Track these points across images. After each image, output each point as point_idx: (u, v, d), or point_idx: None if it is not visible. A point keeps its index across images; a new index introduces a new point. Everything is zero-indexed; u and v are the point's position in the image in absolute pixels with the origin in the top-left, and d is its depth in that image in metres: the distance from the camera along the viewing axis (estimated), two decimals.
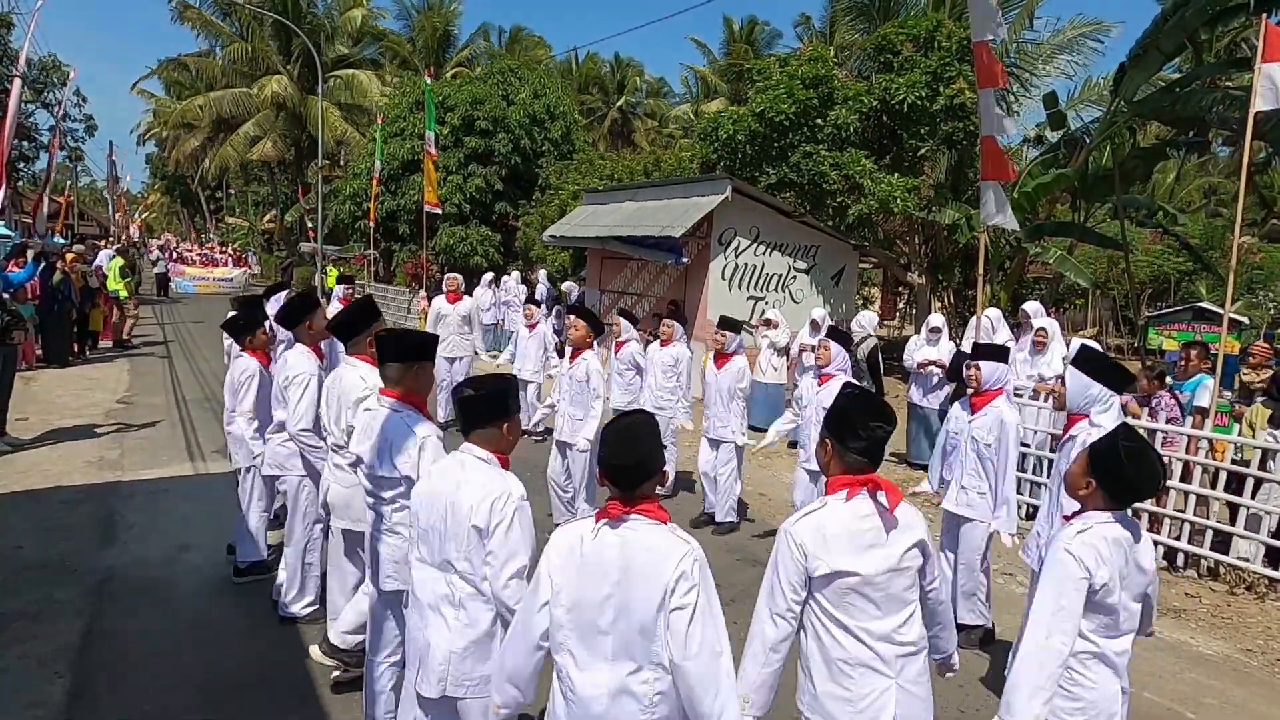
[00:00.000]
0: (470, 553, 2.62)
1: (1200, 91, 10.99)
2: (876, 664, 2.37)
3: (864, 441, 2.41)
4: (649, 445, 2.30)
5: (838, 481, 2.44)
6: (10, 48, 24.38)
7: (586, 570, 2.26)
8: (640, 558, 2.22)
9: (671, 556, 2.21)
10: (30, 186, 28.56)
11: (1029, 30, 13.96)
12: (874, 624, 2.37)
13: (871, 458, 2.42)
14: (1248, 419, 6.29)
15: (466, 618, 2.66)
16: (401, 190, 22.23)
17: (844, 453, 2.43)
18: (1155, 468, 2.54)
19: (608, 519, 2.28)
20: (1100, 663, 2.56)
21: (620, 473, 2.27)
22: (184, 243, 47.37)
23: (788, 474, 8.35)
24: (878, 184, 11.27)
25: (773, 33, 34.39)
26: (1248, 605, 5.68)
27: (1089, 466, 2.59)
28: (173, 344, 16.22)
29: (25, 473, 7.21)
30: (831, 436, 2.48)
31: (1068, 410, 3.86)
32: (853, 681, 2.38)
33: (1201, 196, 32.61)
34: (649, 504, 2.30)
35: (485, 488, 2.61)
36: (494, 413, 2.73)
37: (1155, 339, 12.94)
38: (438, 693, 2.65)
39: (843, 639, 2.38)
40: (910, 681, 2.41)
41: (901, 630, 2.40)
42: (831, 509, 2.41)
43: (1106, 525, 2.53)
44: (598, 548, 2.26)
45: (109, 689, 3.94)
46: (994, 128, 6.95)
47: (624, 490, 2.28)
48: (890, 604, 2.39)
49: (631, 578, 2.21)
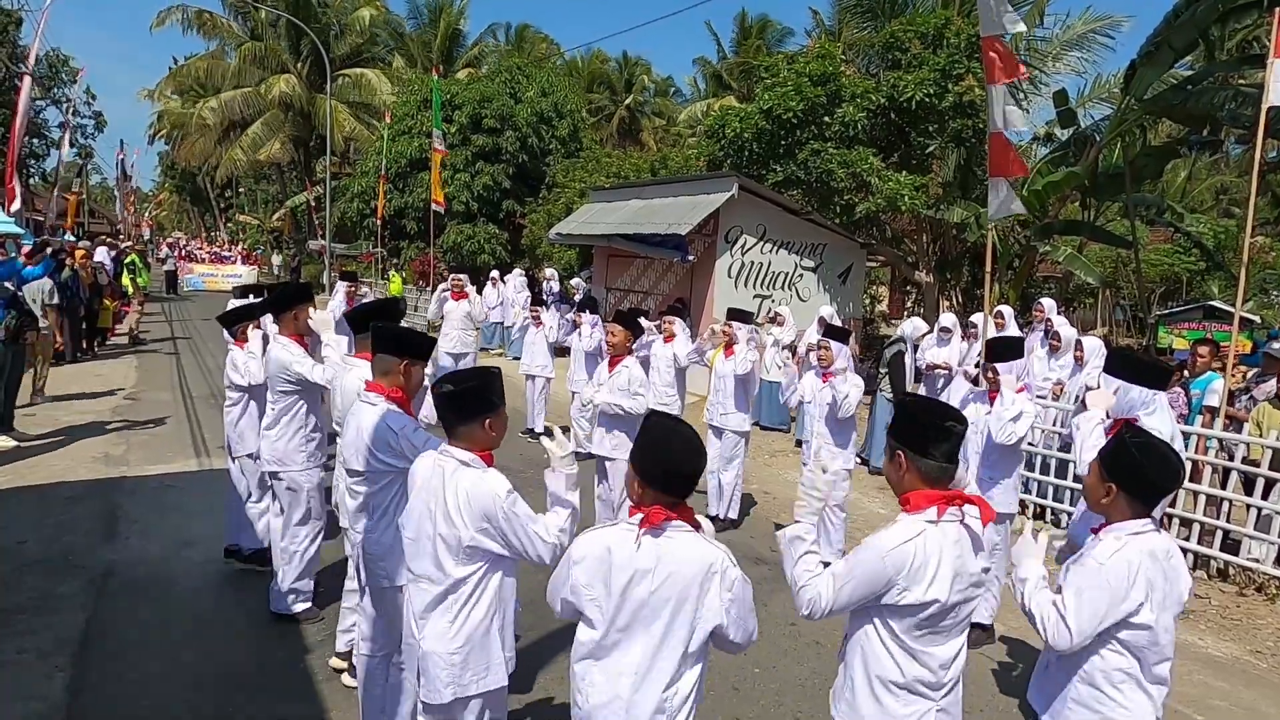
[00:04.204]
0: (465, 559, 2.60)
1: (1212, 89, 10.87)
2: (924, 689, 2.28)
3: (943, 444, 2.26)
4: (704, 453, 2.30)
5: (919, 497, 2.28)
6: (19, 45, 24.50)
7: (617, 578, 2.21)
8: (678, 567, 2.19)
9: (712, 570, 2.20)
10: (42, 184, 28.74)
11: (1039, 28, 13.85)
12: (936, 649, 2.27)
13: (948, 460, 2.27)
14: (1255, 419, 6.22)
15: (461, 622, 2.62)
16: (409, 188, 22.28)
17: (919, 460, 2.28)
18: (1171, 459, 2.45)
19: (651, 526, 2.21)
20: (1136, 688, 2.41)
21: (680, 481, 2.24)
22: (194, 240, 47.57)
23: (791, 472, 8.32)
24: (885, 182, 11.20)
25: (783, 30, 34.23)
26: (1258, 606, 5.61)
27: (1104, 473, 2.48)
28: (181, 340, 16.29)
29: (31, 468, 7.23)
30: (904, 446, 2.32)
31: (1112, 415, 3.76)
32: (896, 701, 2.30)
33: (1213, 197, 32.36)
34: (685, 511, 2.26)
35: (470, 497, 2.57)
36: (477, 409, 2.65)
37: (1166, 338, 12.84)
38: (449, 697, 2.61)
39: (902, 661, 2.28)
40: (950, 704, 2.33)
41: (958, 657, 2.31)
42: (928, 536, 2.23)
43: (1142, 537, 2.41)
44: (641, 556, 2.20)
45: (109, 683, 3.94)
46: (1003, 123, 6.89)
47: (677, 498, 2.25)
48: (955, 630, 2.30)
49: (669, 590, 2.18)
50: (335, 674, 4.07)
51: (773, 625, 4.89)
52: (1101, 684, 2.42)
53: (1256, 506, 5.82)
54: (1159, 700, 2.44)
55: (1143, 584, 2.35)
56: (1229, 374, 6.51)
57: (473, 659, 2.63)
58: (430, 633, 2.63)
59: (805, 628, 4.89)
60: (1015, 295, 13.01)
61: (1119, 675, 2.41)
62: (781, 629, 4.87)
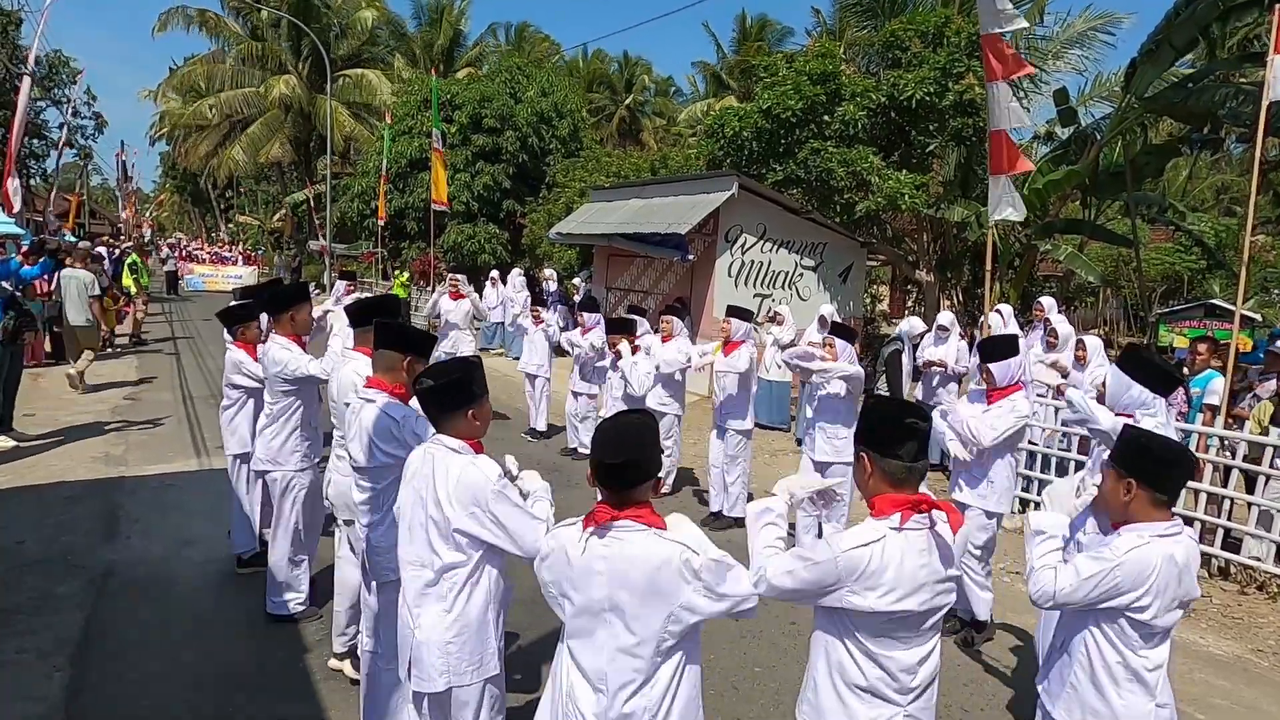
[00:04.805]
0: (457, 545, 2.60)
1: (1213, 87, 10.85)
2: (890, 693, 2.23)
3: (906, 443, 2.21)
4: (643, 445, 2.18)
5: (884, 501, 2.23)
6: (20, 46, 24.50)
7: (578, 578, 2.19)
8: (630, 569, 2.12)
9: (664, 565, 2.10)
10: (43, 185, 28.74)
11: (1039, 26, 13.83)
12: (898, 654, 2.22)
13: (914, 460, 2.22)
14: (1256, 416, 6.21)
15: (455, 610, 2.63)
16: (410, 188, 22.27)
17: (883, 461, 2.23)
18: (1177, 445, 2.47)
19: (595, 526, 2.17)
20: (1133, 679, 2.44)
21: (609, 472, 2.16)
22: (194, 241, 47.60)
23: (792, 472, 8.30)
24: (886, 181, 11.19)
25: (783, 30, 34.19)
26: (1259, 605, 5.60)
27: (1119, 472, 2.47)
28: (181, 340, 16.29)
29: (30, 468, 7.23)
30: (866, 448, 2.28)
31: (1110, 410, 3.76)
32: (859, 703, 2.24)
33: (1214, 195, 32.35)
34: (641, 509, 2.18)
35: (461, 481, 2.57)
36: (458, 401, 2.65)
37: (1166, 336, 12.83)
38: (443, 686, 2.62)
39: (863, 664, 2.23)
40: (919, 709, 2.27)
41: (926, 662, 2.25)
42: (887, 543, 2.15)
43: (1167, 540, 2.39)
44: (586, 558, 2.17)
45: (108, 683, 3.93)
46: (1005, 120, 6.89)
47: (613, 491, 2.17)
48: (918, 637, 2.24)
49: (623, 589, 2.13)
50: (334, 674, 4.06)
51: (772, 625, 4.88)
52: (1100, 678, 2.47)
53: (1257, 504, 5.82)
54: (1154, 684, 2.45)
55: (1154, 588, 2.36)
56: (1230, 373, 6.49)
57: (468, 648, 2.64)
58: (425, 621, 2.64)
59: (805, 627, 4.87)
60: (1016, 294, 12.99)
61: (1119, 668, 2.45)
62: (781, 628, 4.86)
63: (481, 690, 2.68)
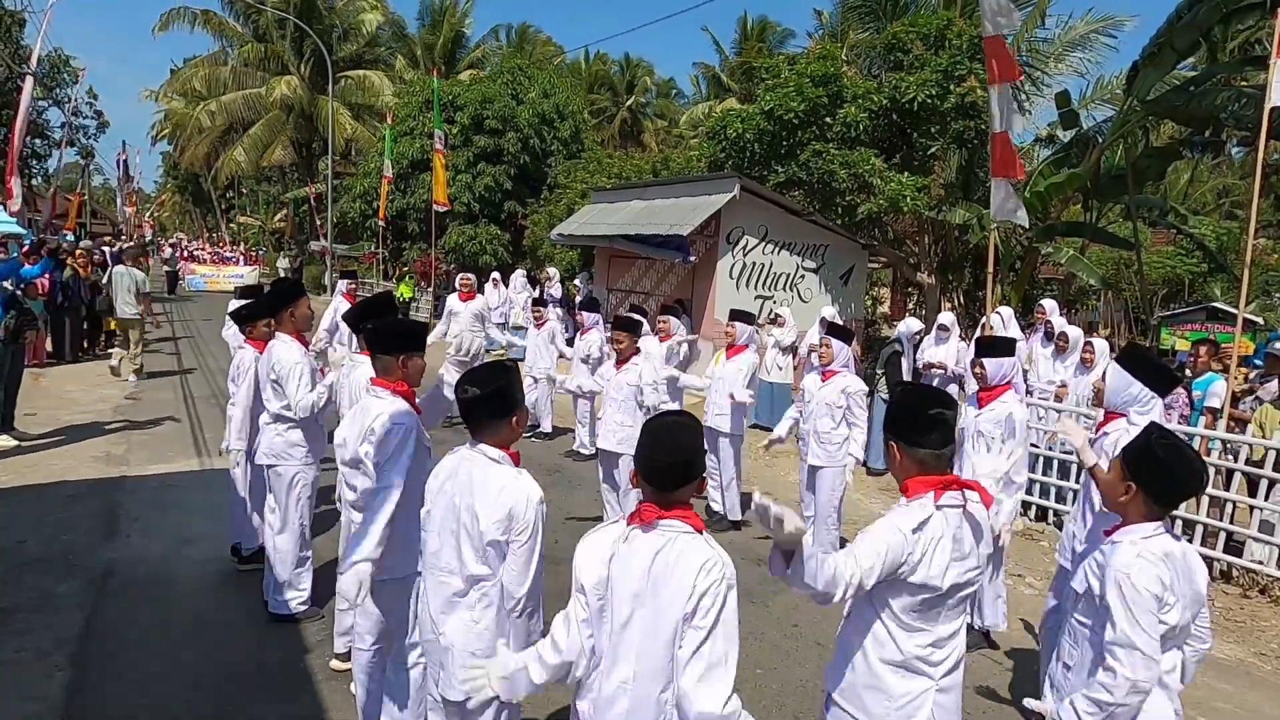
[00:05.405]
0: (486, 558, 2.58)
1: (1214, 90, 10.85)
2: (923, 667, 2.28)
3: (933, 433, 2.30)
4: (691, 446, 2.20)
5: (916, 484, 2.32)
6: (22, 45, 24.51)
7: (616, 576, 2.19)
8: (670, 569, 2.13)
9: (702, 572, 2.10)
10: (44, 184, 28.75)
11: (1041, 28, 13.84)
12: (934, 626, 2.29)
13: (942, 447, 2.31)
14: (1258, 420, 6.20)
15: (484, 620, 2.61)
16: (411, 189, 22.27)
17: (911, 451, 2.32)
18: (1195, 464, 2.43)
19: (641, 523, 2.19)
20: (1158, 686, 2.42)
21: (659, 472, 2.17)
22: (196, 241, 47.62)
23: (794, 473, 8.29)
24: (887, 183, 11.20)
25: (784, 32, 34.23)
26: (1261, 609, 5.59)
27: (1126, 470, 2.47)
28: (182, 340, 16.28)
29: (31, 468, 7.23)
30: (895, 438, 2.37)
31: (1104, 407, 3.77)
32: (894, 677, 2.29)
33: (1216, 199, 32.33)
34: (685, 510, 2.20)
35: (502, 495, 2.54)
36: (502, 409, 2.64)
37: (1168, 339, 12.81)
38: (463, 695, 2.58)
39: (901, 640, 2.28)
40: (950, 684, 2.32)
41: (955, 636, 2.32)
42: (933, 520, 2.25)
43: (1155, 539, 2.41)
44: (628, 553, 2.18)
45: (108, 683, 3.93)
46: (1007, 124, 6.89)
47: (661, 491, 2.19)
48: (954, 611, 2.31)
49: (658, 589, 2.14)
50: (335, 674, 4.05)
51: (773, 626, 4.88)
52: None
53: (1260, 508, 5.81)
54: (1173, 688, 2.44)
55: (1166, 587, 2.36)
56: (1232, 376, 6.49)
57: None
58: (451, 629, 2.62)
59: (807, 629, 4.88)
60: (1017, 297, 12.99)
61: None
62: (783, 630, 4.85)
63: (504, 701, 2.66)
